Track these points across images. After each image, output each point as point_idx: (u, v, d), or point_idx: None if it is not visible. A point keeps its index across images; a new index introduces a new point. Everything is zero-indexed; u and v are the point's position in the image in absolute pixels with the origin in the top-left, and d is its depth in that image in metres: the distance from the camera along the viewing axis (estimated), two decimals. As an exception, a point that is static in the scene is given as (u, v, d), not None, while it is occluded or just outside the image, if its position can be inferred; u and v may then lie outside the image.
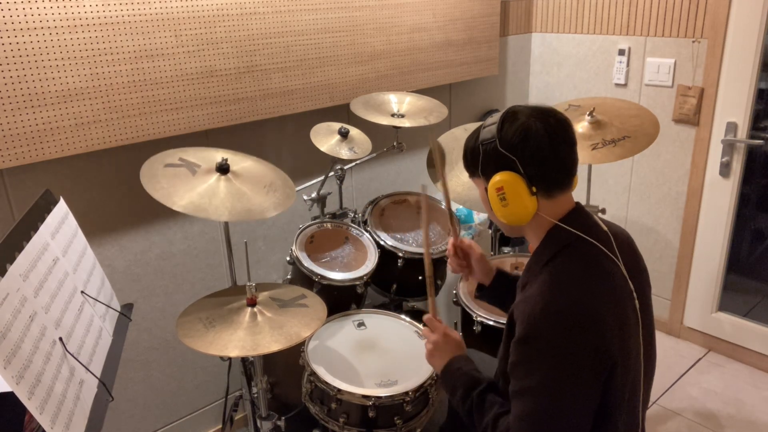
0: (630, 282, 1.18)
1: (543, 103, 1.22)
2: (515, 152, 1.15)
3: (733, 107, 2.49)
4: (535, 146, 1.14)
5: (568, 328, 1.08)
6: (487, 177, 1.20)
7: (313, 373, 1.67)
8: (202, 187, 1.58)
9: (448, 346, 1.39)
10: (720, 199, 2.62)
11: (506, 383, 1.22)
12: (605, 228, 1.22)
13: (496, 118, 1.20)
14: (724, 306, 2.75)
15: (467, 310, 1.93)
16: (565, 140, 1.17)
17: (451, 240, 1.58)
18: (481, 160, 1.20)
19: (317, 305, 1.62)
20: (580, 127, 2.00)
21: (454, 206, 2.40)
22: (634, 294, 1.18)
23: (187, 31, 1.85)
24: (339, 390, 1.61)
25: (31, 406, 0.93)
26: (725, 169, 2.57)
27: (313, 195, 2.19)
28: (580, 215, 1.21)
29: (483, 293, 1.60)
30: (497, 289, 1.56)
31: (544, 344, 1.08)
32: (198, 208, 1.51)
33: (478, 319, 1.87)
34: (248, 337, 1.45)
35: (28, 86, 1.59)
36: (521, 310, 1.13)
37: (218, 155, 1.71)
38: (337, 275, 1.95)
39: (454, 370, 1.33)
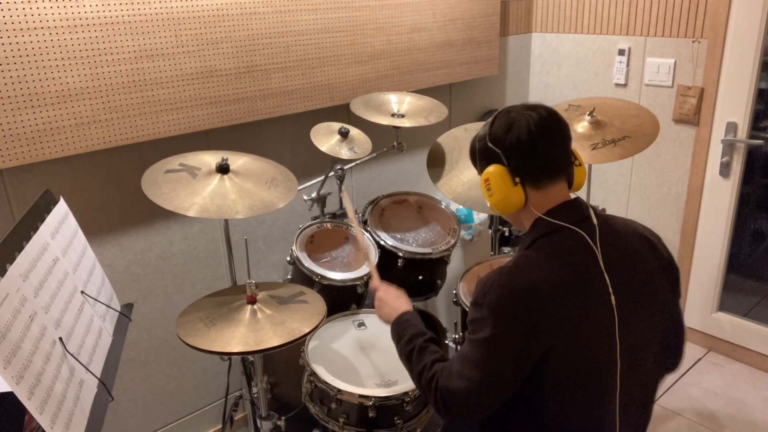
0: (607, 277, 1.19)
1: (540, 101, 1.26)
2: (498, 145, 1.23)
3: (733, 107, 2.49)
4: (515, 138, 1.22)
5: (508, 301, 1.16)
6: (482, 171, 1.29)
7: (313, 373, 1.67)
8: (207, 190, 1.58)
9: (390, 296, 1.53)
10: (720, 199, 2.62)
11: None
12: (595, 223, 1.23)
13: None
14: (724, 306, 2.75)
15: (467, 310, 1.92)
16: (546, 132, 1.22)
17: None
18: (477, 156, 1.31)
19: (316, 301, 1.62)
20: (580, 127, 2.00)
21: (454, 206, 2.40)
22: (610, 289, 1.19)
23: (187, 31, 1.85)
24: (339, 390, 1.61)
25: (31, 406, 0.93)
26: (725, 169, 2.57)
27: (313, 195, 2.19)
28: (569, 208, 1.24)
29: None
30: None
31: (486, 310, 1.17)
32: (213, 210, 1.53)
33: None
34: (250, 333, 1.45)
35: (28, 86, 1.59)
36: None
37: (215, 156, 1.72)
38: (337, 275, 1.95)
39: (403, 321, 1.43)
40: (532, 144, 1.21)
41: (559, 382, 1.19)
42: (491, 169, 1.24)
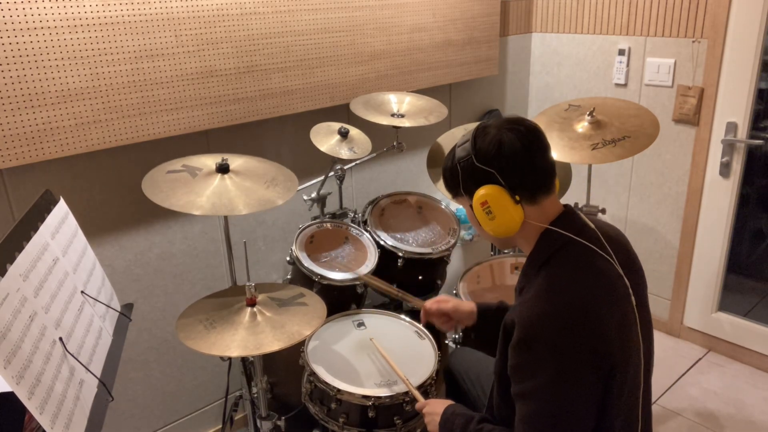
0: (626, 280, 1.19)
1: (514, 114, 1.24)
2: (492, 165, 1.17)
3: (733, 107, 2.49)
4: (510, 156, 1.16)
5: (565, 329, 1.08)
6: (470, 194, 1.21)
7: (313, 373, 1.67)
8: (208, 190, 1.59)
9: (435, 406, 1.44)
10: (720, 199, 2.62)
11: (501, 386, 1.23)
12: (594, 227, 1.22)
13: (468, 136, 1.22)
14: (724, 306, 2.75)
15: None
16: (538, 146, 1.19)
17: (422, 313, 1.66)
18: (460, 179, 1.22)
19: (316, 303, 1.62)
20: (580, 127, 2.00)
21: (454, 206, 2.40)
22: (630, 291, 1.19)
23: (187, 31, 1.85)
24: (339, 390, 1.61)
25: (31, 406, 0.93)
26: (725, 169, 2.57)
27: (313, 195, 2.19)
28: (570, 217, 1.22)
29: (474, 335, 1.61)
30: (484, 326, 1.57)
31: (541, 347, 1.09)
32: (215, 208, 1.53)
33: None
34: (250, 336, 1.45)
35: (28, 86, 1.59)
36: (518, 314, 1.14)
37: (216, 159, 1.72)
38: (336, 275, 1.95)
39: (448, 416, 1.36)
40: (529, 159, 1.17)
41: (613, 394, 1.14)
42: (488, 190, 1.17)
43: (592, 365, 1.08)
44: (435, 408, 1.42)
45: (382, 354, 1.73)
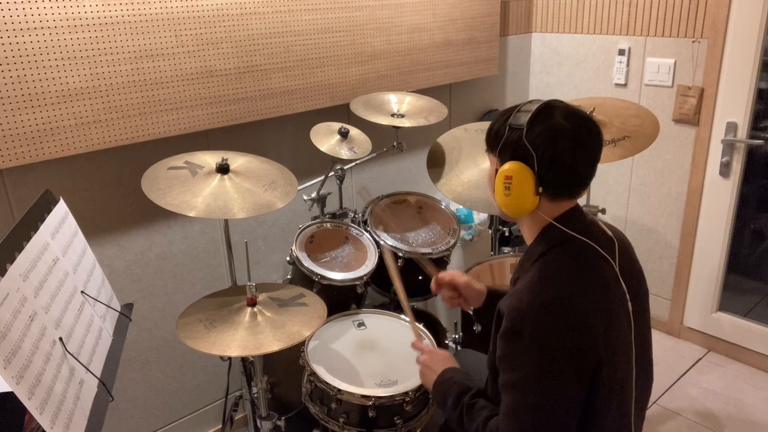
0: (623, 284, 1.18)
1: (581, 107, 1.21)
2: (536, 149, 1.12)
3: (733, 107, 2.49)
4: (557, 151, 1.12)
5: (553, 323, 1.08)
6: (502, 159, 1.18)
7: (313, 373, 1.67)
8: (206, 190, 1.58)
9: (436, 362, 1.42)
10: (720, 199, 2.62)
11: (494, 378, 1.23)
12: (604, 228, 1.21)
13: (533, 106, 1.17)
14: (724, 306, 2.75)
15: (467, 309, 1.93)
16: (589, 153, 1.16)
17: (433, 281, 1.59)
18: (502, 142, 1.18)
19: (317, 304, 1.62)
20: (580, 127, 2.00)
21: (454, 206, 2.40)
22: (627, 296, 1.18)
23: (187, 31, 1.85)
24: (339, 390, 1.61)
25: (31, 406, 0.93)
26: (725, 169, 2.57)
27: (313, 195, 2.19)
28: (577, 215, 1.21)
29: (479, 315, 1.58)
30: (491, 310, 1.56)
31: (528, 338, 1.09)
32: (209, 210, 1.52)
33: (478, 319, 1.87)
34: (250, 336, 1.45)
35: (28, 86, 1.59)
36: (508, 304, 1.14)
37: (217, 157, 1.71)
38: (336, 275, 1.95)
39: (445, 380, 1.35)
40: (573, 164, 1.14)
41: (600, 395, 1.13)
42: (517, 167, 1.14)
43: (576, 360, 1.08)
44: (434, 364, 1.41)
45: (393, 276, 1.66)
